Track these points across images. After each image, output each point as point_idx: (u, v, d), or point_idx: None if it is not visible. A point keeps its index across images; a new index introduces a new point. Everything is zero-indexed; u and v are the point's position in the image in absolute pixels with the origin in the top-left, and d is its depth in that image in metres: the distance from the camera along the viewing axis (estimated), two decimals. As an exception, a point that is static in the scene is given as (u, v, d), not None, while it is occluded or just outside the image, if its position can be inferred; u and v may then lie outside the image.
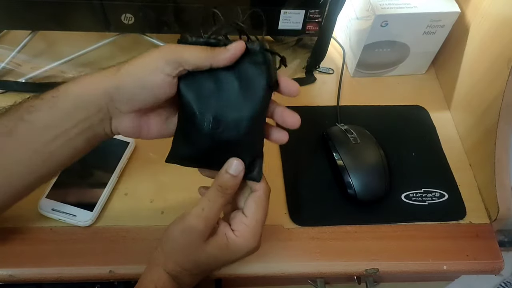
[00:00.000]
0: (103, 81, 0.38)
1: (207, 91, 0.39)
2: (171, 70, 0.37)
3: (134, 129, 0.41)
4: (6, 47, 0.63)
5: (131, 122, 0.40)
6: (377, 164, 0.55)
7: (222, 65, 0.37)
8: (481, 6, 0.57)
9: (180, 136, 0.42)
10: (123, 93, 0.38)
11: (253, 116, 0.39)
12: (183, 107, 0.39)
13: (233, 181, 0.40)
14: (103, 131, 0.40)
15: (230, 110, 0.38)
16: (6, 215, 0.50)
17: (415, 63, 0.68)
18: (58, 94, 0.38)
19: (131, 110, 0.39)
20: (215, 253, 0.41)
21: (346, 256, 0.51)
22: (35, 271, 0.47)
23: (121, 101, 0.38)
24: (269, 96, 0.40)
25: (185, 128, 0.41)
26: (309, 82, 0.67)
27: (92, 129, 0.39)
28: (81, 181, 0.52)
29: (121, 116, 0.39)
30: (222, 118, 0.38)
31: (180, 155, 0.42)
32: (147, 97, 0.38)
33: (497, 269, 0.52)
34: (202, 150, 0.40)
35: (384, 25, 0.60)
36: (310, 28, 0.61)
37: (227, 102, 0.38)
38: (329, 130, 0.59)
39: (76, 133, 0.39)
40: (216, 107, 0.38)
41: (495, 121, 0.52)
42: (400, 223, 0.54)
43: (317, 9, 0.59)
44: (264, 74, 0.38)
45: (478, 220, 0.54)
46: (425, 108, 0.65)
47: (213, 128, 0.39)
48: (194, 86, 0.39)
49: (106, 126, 0.40)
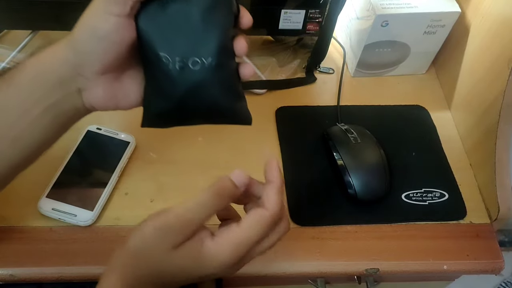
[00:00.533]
0: (58, 47, 0.35)
1: (167, 27, 0.35)
2: (121, 9, 0.33)
3: (109, 99, 0.37)
4: (7, 47, 0.63)
5: (103, 90, 0.36)
6: (378, 164, 0.55)
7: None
8: (482, 6, 0.57)
9: (149, 90, 0.38)
10: (80, 51, 0.34)
11: (219, 48, 0.35)
12: (145, 51, 0.36)
13: (233, 191, 0.35)
14: (73, 107, 0.37)
15: (194, 44, 0.35)
16: (6, 214, 0.50)
17: (416, 63, 0.68)
18: (15, 72, 0.35)
19: (97, 72, 0.35)
20: (182, 263, 0.34)
21: (347, 255, 0.51)
22: (35, 271, 0.47)
23: (82, 63, 0.35)
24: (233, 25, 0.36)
25: (152, 77, 0.37)
26: (309, 82, 0.67)
27: (58, 107, 0.36)
28: (81, 180, 0.52)
29: (89, 84, 0.36)
30: (187, 55, 0.35)
31: (153, 113, 0.38)
32: (106, 47, 0.34)
33: (497, 269, 0.51)
34: (175, 99, 0.36)
35: (385, 25, 0.60)
36: (311, 28, 0.61)
37: (189, 36, 0.35)
38: (330, 130, 0.59)
39: (38, 113, 0.35)
40: (179, 43, 0.35)
41: (496, 121, 0.52)
42: (401, 223, 0.53)
43: (317, 9, 0.59)
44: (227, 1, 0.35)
45: (479, 220, 0.54)
46: (426, 108, 0.65)
47: (181, 68, 0.35)
48: (152, 24, 0.35)
49: (76, 100, 0.36)
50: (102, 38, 0.34)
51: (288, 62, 0.68)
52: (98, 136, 0.56)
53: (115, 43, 0.34)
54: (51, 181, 0.51)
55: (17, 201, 0.51)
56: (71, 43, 0.35)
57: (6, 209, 0.50)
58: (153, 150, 0.57)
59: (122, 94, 0.38)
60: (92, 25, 0.34)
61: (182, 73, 0.35)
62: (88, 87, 0.36)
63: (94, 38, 0.34)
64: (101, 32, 0.34)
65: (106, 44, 0.34)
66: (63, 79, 0.35)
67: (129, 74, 0.38)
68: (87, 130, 0.56)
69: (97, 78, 0.36)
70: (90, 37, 0.34)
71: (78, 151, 0.54)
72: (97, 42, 0.34)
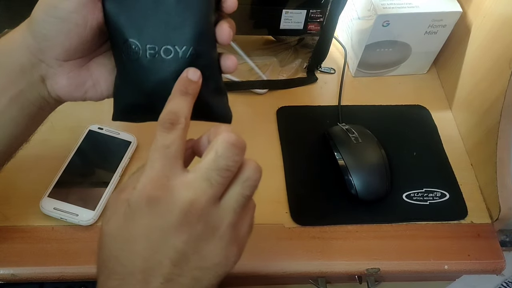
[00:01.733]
0: (17, 31, 0.32)
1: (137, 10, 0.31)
2: None
3: (75, 88, 0.34)
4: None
5: (67, 79, 0.33)
6: (379, 164, 0.55)
7: None
8: (483, 6, 0.57)
9: (119, 79, 0.34)
10: (38, 34, 0.31)
11: (196, 35, 0.31)
12: (113, 37, 0.32)
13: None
14: (39, 96, 0.34)
15: (167, 30, 0.31)
16: (8, 214, 0.50)
17: (417, 63, 0.68)
18: None
19: (59, 58, 0.32)
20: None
21: (347, 255, 0.51)
22: (37, 270, 0.47)
23: (41, 48, 0.32)
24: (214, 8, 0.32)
25: (122, 66, 0.33)
26: (310, 82, 0.67)
27: (23, 97, 0.33)
28: (83, 180, 0.53)
29: (52, 72, 0.33)
30: (159, 42, 0.31)
31: (123, 105, 0.35)
32: (68, 30, 0.31)
33: (498, 269, 0.51)
34: (146, 91, 0.33)
35: (386, 25, 0.60)
36: (312, 28, 0.62)
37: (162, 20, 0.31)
38: (331, 129, 0.59)
39: (4, 104, 0.33)
40: (150, 29, 0.31)
41: (497, 121, 0.52)
42: (402, 222, 0.53)
43: (318, 9, 0.59)
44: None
45: (480, 220, 0.54)
46: (427, 108, 0.65)
47: (152, 57, 0.31)
48: (121, 5, 0.31)
49: (40, 89, 0.34)
50: (63, 19, 0.31)
51: (289, 62, 0.68)
52: (100, 135, 0.56)
53: (78, 25, 0.31)
54: (53, 181, 0.51)
55: (18, 201, 0.51)
56: (29, 26, 0.32)
57: (8, 208, 0.50)
58: (154, 150, 0.57)
59: (90, 83, 0.35)
60: (51, 3, 0.30)
61: (153, 62, 0.32)
62: (51, 74, 0.33)
63: (53, 19, 0.31)
64: (61, 12, 0.30)
65: (67, 26, 0.31)
66: (24, 67, 0.32)
67: (98, 61, 0.35)
68: (89, 130, 0.56)
69: (61, 65, 0.33)
70: (49, 17, 0.31)
71: (79, 151, 0.54)
72: (57, 23, 0.31)
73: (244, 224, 0.32)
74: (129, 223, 0.29)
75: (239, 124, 0.59)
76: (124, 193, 0.30)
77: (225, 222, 0.30)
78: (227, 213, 0.30)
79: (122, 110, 0.35)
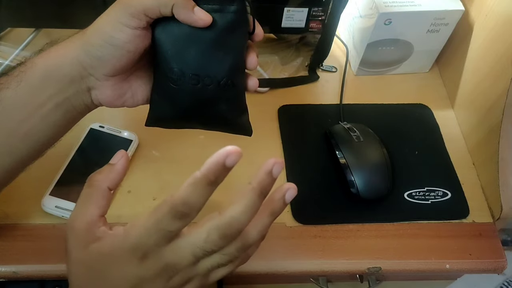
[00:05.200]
0: (70, 47, 0.36)
1: (183, 42, 0.35)
2: (137, 23, 0.34)
3: (117, 98, 0.38)
4: (10, 45, 0.63)
5: (112, 90, 0.37)
6: (380, 163, 0.55)
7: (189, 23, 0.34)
8: (485, 5, 0.57)
9: (158, 94, 0.39)
10: (93, 55, 0.35)
11: (234, 68, 0.36)
12: (159, 62, 0.37)
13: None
14: (82, 103, 0.38)
15: (210, 63, 0.36)
16: (9, 212, 0.50)
17: (419, 61, 0.68)
18: (25, 69, 0.36)
19: (107, 74, 0.36)
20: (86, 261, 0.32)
21: (349, 254, 0.51)
22: (38, 268, 0.48)
23: (93, 66, 0.36)
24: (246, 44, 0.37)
25: (162, 85, 0.38)
26: (312, 80, 0.67)
27: (68, 103, 0.37)
28: (85, 178, 0.52)
29: (99, 84, 0.37)
30: (202, 73, 0.36)
31: (159, 116, 0.39)
32: (120, 55, 0.35)
33: (500, 268, 0.51)
34: (183, 109, 0.37)
35: (388, 23, 0.60)
36: (314, 26, 0.61)
37: (206, 54, 0.35)
38: (332, 128, 0.59)
39: (50, 109, 0.36)
40: (195, 60, 0.36)
41: (499, 120, 0.52)
42: (403, 221, 0.53)
43: (320, 7, 0.59)
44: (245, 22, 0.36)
45: (481, 219, 0.54)
46: (429, 107, 0.65)
47: (193, 84, 0.36)
48: (169, 37, 0.36)
49: (85, 97, 0.37)
50: (117, 47, 0.35)
51: (290, 60, 0.68)
52: (101, 134, 0.56)
53: (129, 51, 0.35)
54: (54, 179, 0.51)
55: (20, 199, 0.51)
56: (84, 46, 0.35)
57: (10, 206, 0.50)
58: (155, 148, 0.57)
59: (129, 93, 0.39)
60: (108, 33, 0.34)
61: (194, 87, 0.36)
62: (98, 86, 0.37)
63: (108, 46, 0.35)
64: (117, 42, 0.34)
65: (120, 52, 0.35)
66: (74, 78, 0.36)
67: (137, 74, 0.39)
68: (90, 128, 0.56)
69: (107, 79, 0.37)
70: (105, 44, 0.35)
71: (81, 149, 0.54)
72: (112, 49, 0.35)
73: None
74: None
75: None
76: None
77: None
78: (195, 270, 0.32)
79: (157, 119, 0.40)
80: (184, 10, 0.34)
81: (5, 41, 0.65)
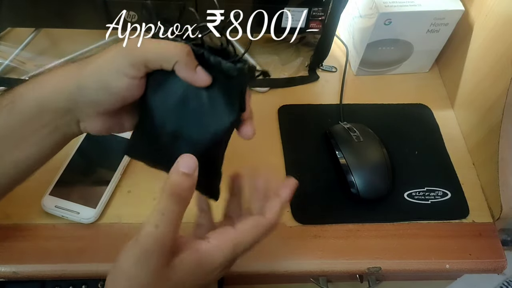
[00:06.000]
0: (64, 81, 0.35)
1: (173, 100, 0.35)
2: (136, 73, 0.34)
3: (105, 129, 0.38)
4: (10, 45, 0.63)
5: (101, 124, 0.37)
6: (380, 163, 0.55)
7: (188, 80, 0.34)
8: (485, 5, 0.57)
9: (139, 133, 0.39)
10: (87, 97, 0.35)
11: (214, 142, 0.35)
12: (145, 110, 0.36)
13: (188, 182, 0.32)
14: (71, 132, 0.38)
15: (193, 126, 0.35)
16: (9, 212, 0.50)
17: (419, 61, 0.68)
18: (15, 99, 0.36)
19: (99, 114, 0.36)
20: (184, 278, 0.33)
21: (349, 254, 0.51)
22: (38, 268, 0.47)
23: (86, 105, 0.36)
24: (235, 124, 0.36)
25: (144, 128, 0.37)
26: (312, 80, 0.67)
27: (59, 131, 0.37)
28: (84, 178, 0.53)
29: (89, 119, 0.37)
30: (181, 135, 0.35)
31: (136, 152, 0.40)
32: (115, 101, 0.35)
33: (500, 268, 0.51)
34: (158, 155, 0.37)
35: (388, 23, 0.60)
36: (313, 26, 0.61)
37: (192, 116, 0.35)
38: (332, 128, 0.59)
39: (41, 137, 0.37)
40: (178, 122, 0.35)
41: (499, 120, 0.52)
42: (403, 221, 0.53)
43: (320, 7, 0.59)
44: (236, 105, 0.35)
45: (481, 219, 0.54)
46: (429, 107, 0.65)
47: (170, 143, 0.36)
48: (161, 87, 0.35)
49: (74, 127, 0.38)
50: (113, 94, 0.34)
51: (290, 60, 0.68)
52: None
53: (124, 98, 0.35)
54: (54, 179, 0.51)
55: (20, 199, 0.51)
56: (80, 85, 0.35)
57: (10, 206, 0.50)
58: (155, 148, 0.57)
59: (118, 126, 0.39)
60: (105, 80, 0.34)
61: (172, 142, 0.35)
62: (88, 120, 0.37)
63: (104, 92, 0.34)
64: (113, 90, 0.34)
65: (115, 98, 0.35)
66: (66, 110, 0.36)
67: (128, 109, 0.38)
68: (90, 128, 0.56)
69: (98, 116, 0.37)
70: (100, 89, 0.34)
71: (80, 149, 0.54)
72: (107, 95, 0.35)
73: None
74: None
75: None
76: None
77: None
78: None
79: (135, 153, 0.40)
80: (186, 68, 0.33)
81: (5, 41, 0.65)
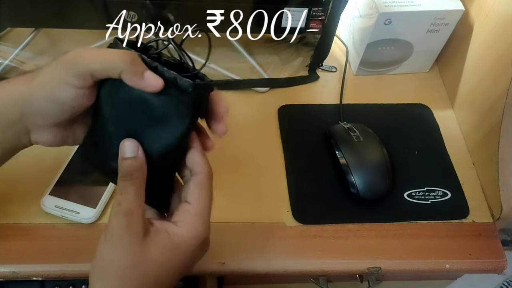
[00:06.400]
0: (14, 92, 0.35)
1: (124, 109, 0.34)
2: (83, 83, 0.33)
3: (57, 142, 0.37)
4: (10, 45, 0.63)
5: (52, 136, 0.36)
6: (380, 163, 0.55)
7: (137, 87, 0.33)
8: (485, 5, 0.57)
9: (90, 140, 0.37)
10: (35, 108, 0.34)
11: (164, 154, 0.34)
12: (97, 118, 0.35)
13: (135, 163, 0.33)
14: (20, 143, 0.37)
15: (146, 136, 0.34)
16: (9, 211, 0.50)
17: (419, 61, 0.68)
18: None
19: (50, 125, 0.35)
20: (160, 259, 0.33)
21: (348, 254, 0.51)
22: (38, 268, 0.47)
23: (35, 116, 0.35)
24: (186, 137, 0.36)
25: (95, 137, 0.37)
26: (312, 80, 0.67)
27: (7, 142, 0.36)
28: (84, 178, 0.53)
29: (39, 129, 0.36)
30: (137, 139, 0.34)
31: (86, 157, 0.39)
32: (63, 111, 0.34)
33: (500, 268, 0.51)
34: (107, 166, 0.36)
35: (388, 23, 0.60)
36: (313, 26, 0.61)
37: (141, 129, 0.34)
38: (332, 128, 0.59)
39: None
40: (130, 133, 0.34)
41: (499, 120, 0.52)
42: (403, 221, 0.53)
43: (320, 7, 0.59)
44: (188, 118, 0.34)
45: (481, 219, 0.54)
46: (429, 107, 0.65)
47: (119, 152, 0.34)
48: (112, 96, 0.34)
49: (24, 139, 0.36)
50: (61, 104, 0.33)
51: (290, 60, 0.68)
52: (101, 134, 0.56)
53: (73, 108, 0.34)
54: (54, 179, 0.51)
55: (20, 199, 0.51)
56: (28, 96, 0.34)
57: (10, 206, 0.50)
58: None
59: (71, 138, 0.38)
60: (51, 91, 0.33)
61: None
62: (38, 131, 0.36)
63: (52, 102, 0.34)
64: (60, 100, 0.33)
65: (63, 108, 0.34)
66: (14, 121, 0.35)
67: (80, 120, 0.37)
68: (90, 128, 0.56)
69: (49, 128, 0.36)
70: (49, 100, 0.33)
71: (80, 149, 0.54)
72: (55, 106, 0.34)
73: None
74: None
75: (240, 123, 0.59)
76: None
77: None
78: None
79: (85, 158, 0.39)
80: (132, 76, 0.32)
81: (5, 41, 0.65)
